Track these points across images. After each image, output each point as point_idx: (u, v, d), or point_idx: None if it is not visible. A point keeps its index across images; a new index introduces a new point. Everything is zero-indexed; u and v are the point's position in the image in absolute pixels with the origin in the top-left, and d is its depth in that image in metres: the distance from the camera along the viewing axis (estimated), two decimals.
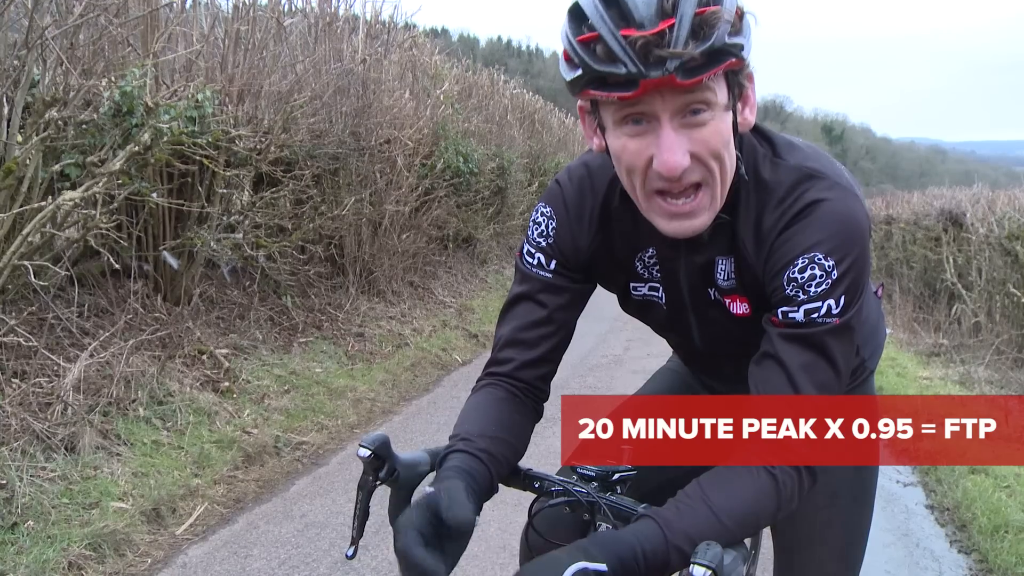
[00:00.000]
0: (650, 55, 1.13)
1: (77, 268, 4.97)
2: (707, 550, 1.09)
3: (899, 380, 7.45)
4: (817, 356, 1.27)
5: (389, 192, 8.46)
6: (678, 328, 1.54)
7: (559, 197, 1.49)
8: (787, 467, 1.25)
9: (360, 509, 1.39)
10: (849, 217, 1.29)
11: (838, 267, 1.26)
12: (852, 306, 1.28)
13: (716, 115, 1.21)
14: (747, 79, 1.26)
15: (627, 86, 1.16)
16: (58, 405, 4.17)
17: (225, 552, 3.67)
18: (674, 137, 1.19)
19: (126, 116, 4.61)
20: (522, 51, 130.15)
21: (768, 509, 1.25)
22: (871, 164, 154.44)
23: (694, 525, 1.17)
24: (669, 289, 1.47)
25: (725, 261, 1.39)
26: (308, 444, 5.05)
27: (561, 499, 1.38)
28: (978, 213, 9.87)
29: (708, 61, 1.15)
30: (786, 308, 1.28)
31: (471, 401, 1.48)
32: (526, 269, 1.50)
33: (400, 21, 9.47)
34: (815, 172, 1.33)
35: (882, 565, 3.88)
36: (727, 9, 1.16)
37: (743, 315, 1.41)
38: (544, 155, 16.27)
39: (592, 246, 1.47)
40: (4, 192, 4.27)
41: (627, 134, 1.23)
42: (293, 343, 6.55)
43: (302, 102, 6.54)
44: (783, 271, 1.28)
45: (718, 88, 1.21)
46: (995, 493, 4.52)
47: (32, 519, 3.49)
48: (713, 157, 1.23)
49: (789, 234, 1.29)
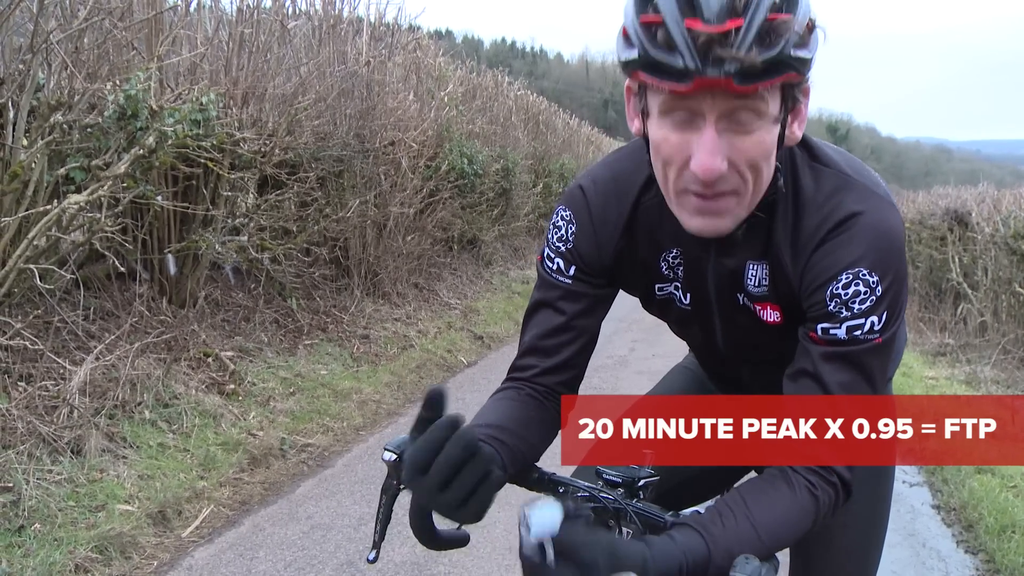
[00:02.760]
0: (710, 53, 1.09)
1: (83, 271, 4.98)
2: (746, 564, 1.10)
3: (905, 380, 7.43)
4: (857, 375, 1.25)
5: (394, 194, 8.47)
6: (702, 329, 1.51)
7: (581, 202, 1.44)
8: (824, 484, 1.24)
9: (383, 513, 1.37)
10: (889, 230, 1.26)
11: (882, 283, 1.22)
12: (893, 323, 1.25)
13: (764, 126, 1.17)
14: (803, 93, 1.22)
15: (681, 79, 1.11)
16: (64, 408, 4.18)
17: (231, 554, 3.68)
18: (716, 140, 1.15)
19: (131, 119, 4.62)
20: (526, 52, 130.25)
21: (805, 527, 1.24)
22: (876, 164, 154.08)
23: (737, 542, 1.16)
24: (695, 290, 1.44)
25: (757, 266, 1.35)
26: (313, 446, 5.05)
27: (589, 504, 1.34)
28: (984, 212, 9.85)
29: (768, 70, 1.11)
30: (827, 325, 1.24)
31: (487, 405, 1.45)
32: (546, 274, 1.47)
33: (404, 23, 9.48)
34: (852, 181, 1.30)
35: (888, 565, 3.87)
36: (799, 20, 1.12)
37: (774, 323, 1.38)
38: (548, 156, 16.26)
39: (616, 251, 1.44)
40: (10, 196, 4.28)
41: (670, 126, 1.18)
42: (298, 345, 6.56)
43: (306, 104, 6.55)
44: (826, 286, 1.25)
45: (772, 99, 1.16)
46: (1002, 493, 4.51)
47: (39, 522, 3.50)
48: (750, 168, 1.19)
49: (830, 247, 1.26)
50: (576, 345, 1.46)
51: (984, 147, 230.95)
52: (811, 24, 1.15)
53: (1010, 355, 8.09)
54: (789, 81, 1.15)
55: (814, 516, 1.23)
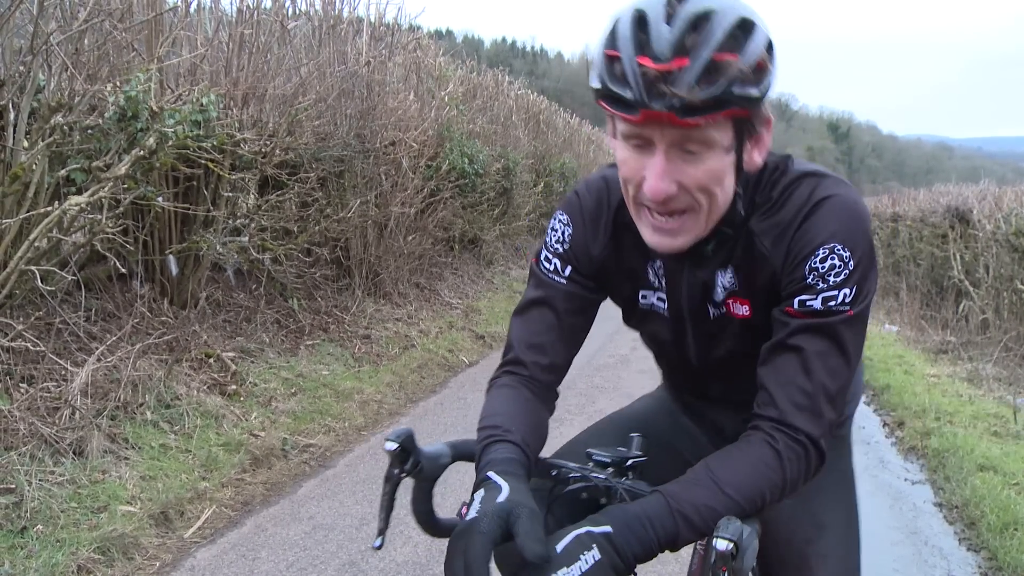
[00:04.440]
0: (655, 89, 1.19)
1: (84, 272, 4.98)
2: (728, 524, 1.15)
3: (906, 378, 7.43)
4: (831, 344, 1.33)
5: (394, 194, 8.47)
6: (675, 339, 1.59)
7: (576, 206, 1.57)
8: (789, 441, 1.31)
9: (387, 501, 1.43)
10: (859, 211, 1.36)
11: (853, 258, 1.32)
12: (863, 298, 1.34)
13: (714, 155, 1.27)
14: (763, 124, 1.32)
15: (630, 110, 1.23)
16: (66, 409, 4.19)
17: (233, 555, 3.68)
18: (664, 166, 1.26)
19: (131, 121, 4.62)
20: (527, 52, 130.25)
21: (773, 482, 1.29)
22: (877, 161, 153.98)
23: (699, 495, 1.24)
24: (672, 300, 1.53)
25: (723, 274, 1.45)
26: (315, 446, 5.05)
27: (580, 484, 1.43)
28: (985, 210, 9.84)
29: (711, 106, 1.20)
30: (805, 296, 1.34)
31: (497, 395, 1.52)
32: (542, 275, 1.57)
33: (404, 23, 9.48)
34: (824, 173, 1.42)
35: (890, 563, 3.87)
36: (745, 60, 1.21)
37: (743, 316, 1.46)
38: (549, 156, 16.25)
39: (604, 254, 1.54)
40: (11, 197, 4.28)
41: (629, 149, 1.31)
42: (300, 346, 6.56)
43: (307, 105, 6.56)
44: (805, 260, 1.34)
45: (721, 130, 1.25)
46: (1004, 490, 4.51)
47: (41, 523, 3.50)
48: (701, 191, 1.29)
49: (807, 226, 1.35)
50: (567, 344, 1.56)
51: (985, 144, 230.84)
52: (762, 63, 1.23)
53: (1012, 352, 8.08)
54: (736, 115, 1.24)
55: (780, 472, 1.29)
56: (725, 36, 1.20)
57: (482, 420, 1.46)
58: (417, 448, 1.42)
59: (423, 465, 1.43)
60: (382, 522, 1.43)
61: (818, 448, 1.33)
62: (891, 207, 15.21)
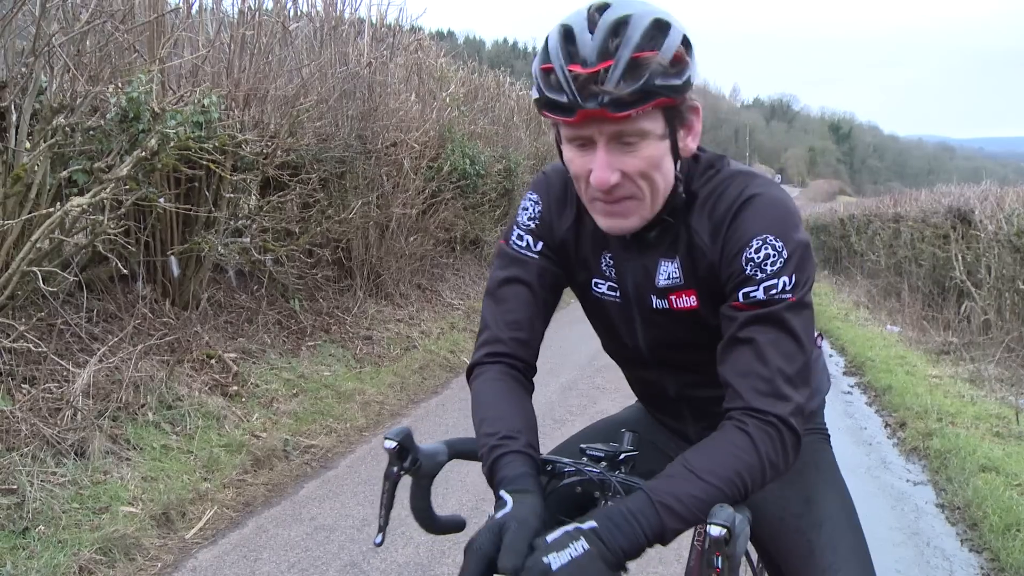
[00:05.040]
0: (585, 90, 1.32)
1: (86, 273, 4.99)
2: (720, 511, 1.20)
3: (908, 379, 7.42)
4: (780, 331, 1.41)
5: (396, 195, 8.47)
6: (626, 328, 1.65)
7: (543, 184, 1.68)
8: (759, 423, 1.37)
9: (387, 499, 1.48)
10: (785, 206, 1.48)
11: (786, 247, 1.42)
12: (802, 284, 1.43)
13: (649, 143, 1.39)
14: (691, 111, 1.44)
15: (568, 112, 1.35)
16: (68, 410, 4.19)
17: (235, 556, 3.68)
18: (606, 158, 1.38)
19: (133, 122, 4.63)
20: (528, 53, 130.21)
21: (748, 463, 1.34)
22: (879, 162, 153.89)
23: (678, 485, 1.31)
24: (620, 289, 1.61)
25: (668, 263, 1.55)
26: (317, 447, 5.06)
27: (574, 479, 1.46)
28: (987, 210, 9.83)
29: (639, 98, 1.32)
30: (747, 288, 1.42)
31: (489, 391, 1.58)
32: (515, 252, 1.65)
33: (405, 24, 9.50)
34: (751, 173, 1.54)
35: (892, 564, 3.86)
36: (663, 55, 1.33)
37: (690, 308, 1.54)
38: (550, 156, 16.25)
39: (566, 235, 1.63)
40: (13, 199, 4.29)
41: (574, 149, 1.43)
42: (301, 347, 6.56)
43: (308, 106, 6.56)
44: (740, 253, 1.43)
45: (652, 120, 1.37)
46: (1006, 491, 4.50)
47: (43, 524, 3.50)
48: (641, 177, 1.41)
49: (740, 220, 1.46)
50: (542, 320, 1.64)
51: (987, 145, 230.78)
52: (679, 56, 1.36)
53: (1014, 353, 8.06)
54: (665, 105, 1.37)
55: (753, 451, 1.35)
56: (642, 37, 1.32)
57: (482, 421, 1.51)
58: (415, 446, 1.47)
59: (421, 463, 1.47)
60: (382, 519, 1.48)
61: (789, 426, 1.38)
62: (893, 208, 15.20)
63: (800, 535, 1.67)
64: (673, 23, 1.36)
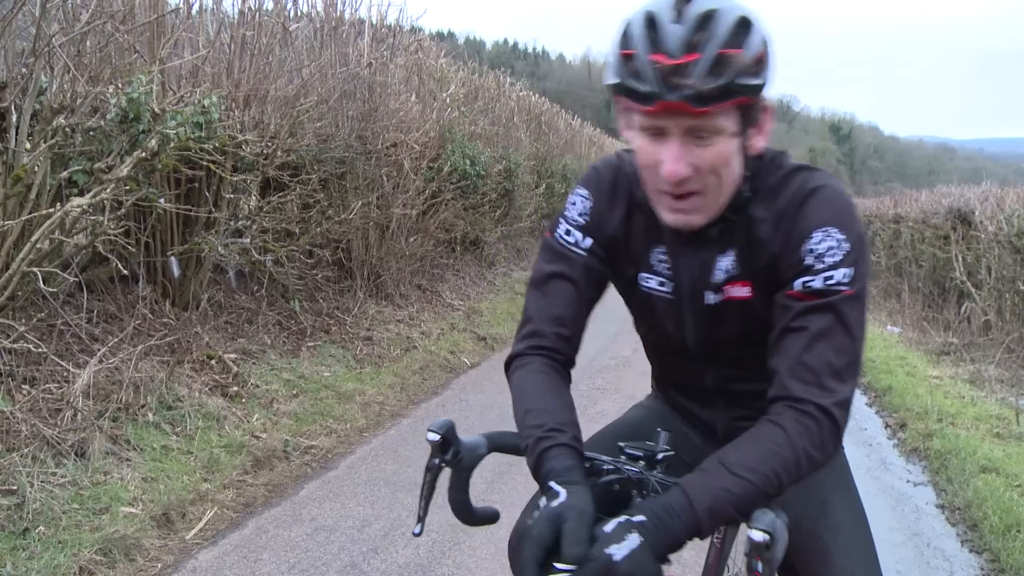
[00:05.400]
0: (669, 80, 1.31)
1: (86, 274, 4.99)
2: (763, 516, 1.22)
3: (909, 379, 7.42)
4: (835, 323, 1.40)
5: (396, 195, 8.47)
6: (676, 323, 1.64)
7: (594, 180, 1.66)
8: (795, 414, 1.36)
9: (427, 490, 1.50)
10: (847, 199, 1.49)
11: (847, 240, 1.42)
12: (862, 278, 1.42)
13: (722, 140, 1.38)
14: (763, 111, 1.44)
15: (647, 101, 1.34)
16: (68, 411, 4.19)
17: (235, 556, 3.68)
18: (679, 151, 1.37)
19: (133, 122, 4.63)
20: (528, 53, 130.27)
21: (783, 457, 1.33)
22: (879, 163, 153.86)
23: (712, 480, 1.31)
24: (675, 283, 1.60)
25: (724, 258, 1.54)
26: (317, 448, 5.05)
27: (613, 476, 1.48)
28: (987, 211, 9.84)
29: (719, 95, 1.32)
30: (806, 278, 1.42)
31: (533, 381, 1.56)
32: (561, 247, 1.62)
33: (406, 24, 9.49)
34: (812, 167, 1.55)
35: (892, 565, 3.86)
36: (747, 54, 1.33)
37: (743, 299, 1.54)
38: (551, 157, 16.27)
39: (616, 231, 1.62)
40: (13, 199, 4.29)
41: (646, 138, 1.41)
42: (301, 347, 6.56)
43: (308, 106, 6.56)
44: (802, 243, 1.43)
45: (728, 117, 1.37)
46: (1007, 492, 4.50)
47: (43, 525, 3.50)
48: (712, 173, 1.40)
49: (804, 211, 1.46)
50: (584, 318, 1.63)
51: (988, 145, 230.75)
52: (762, 56, 1.36)
53: (1014, 354, 8.07)
54: (743, 103, 1.36)
55: (788, 444, 1.34)
56: (729, 33, 1.32)
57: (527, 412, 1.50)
58: (457, 439, 1.50)
59: (463, 456, 1.50)
60: (422, 509, 1.52)
61: (830, 416, 1.37)
62: (893, 208, 15.22)
63: (816, 539, 1.67)
64: (756, 22, 1.36)
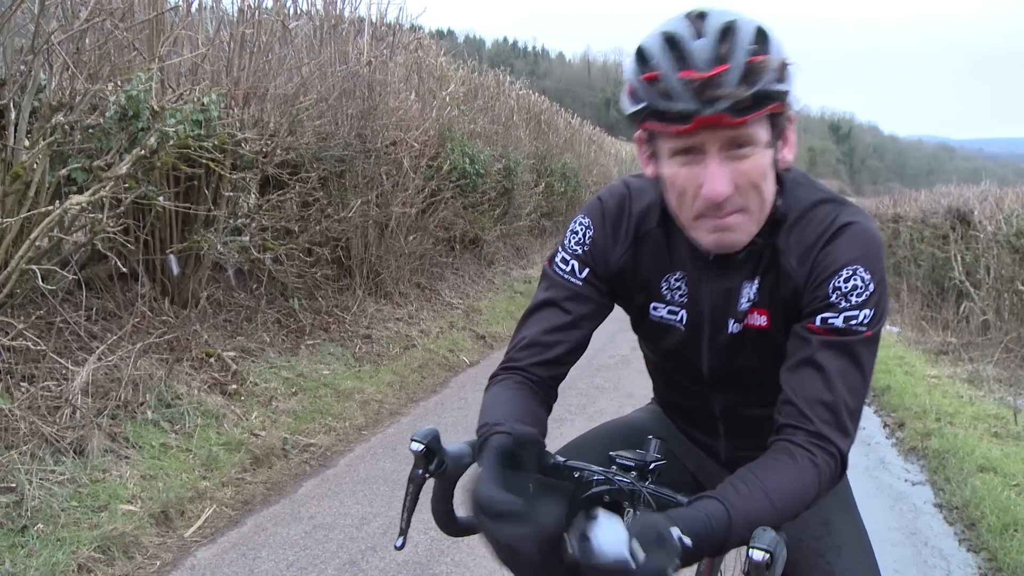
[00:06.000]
0: (704, 95, 1.29)
1: (85, 272, 4.99)
2: (763, 535, 1.19)
3: (907, 379, 7.43)
4: (850, 363, 1.40)
5: (395, 194, 8.47)
6: (689, 352, 1.62)
7: (598, 210, 1.62)
8: (825, 455, 1.37)
9: (410, 501, 1.45)
10: (877, 239, 1.47)
11: (873, 280, 1.41)
12: (879, 320, 1.42)
13: (758, 151, 1.37)
14: (788, 122, 1.42)
15: (682, 121, 1.31)
16: (67, 408, 4.19)
17: (233, 554, 3.68)
18: (719, 168, 1.35)
19: (132, 120, 4.62)
20: (528, 52, 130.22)
21: (811, 495, 1.36)
22: (879, 162, 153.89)
23: (753, 508, 1.28)
24: (692, 311, 1.58)
25: (750, 285, 1.53)
26: (316, 446, 5.05)
27: (604, 487, 1.44)
28: (986, 211, 9.84)
29: (755, 103, 1.30)
30: (828, 315, 1.41)
31: (492, 393, 1.56)
32: (556, 276, 1.61)
33: (405, 23, 9.49)
34: (841, 200, 1.53)
35: (890, 564, 3.86)
36: (774, 59, 1.32)
37: (760, 327, 1.53)
38: (550, 156, 16.24)
39: (622, 261, 1.60)
40: (12, 197, 4.29)
41: (679, 163, 1.38)
42: (300, 345, 6.56)
43: (308, 104, 6.56)
44: (828, 280, 1.42)
45: (761, 128, 1.36)
46: (1004, 491, 4.50)
47: (42, 522, 3.50)
48: (752, 187, 1.38)
49: (832, 247, 1.44)
50: (571, 344, 1.59)
51: (987, 145, 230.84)
52: (784, 62, 1.35)
53: (1013, 353, 8.07)
54: (774, 111, 1.35)
55: (817, 485, 1.36)
56: (752, 41, 1.31)
57: (480, 418, 1.48)
58: (442, 448, 1.44)
59: (447, 466, 1.44)
60: (404, 522, 1.45)
61: (844, 463, 1.41)
62: (892, 208, 15.22)
63: (819, 558, 1.66)
64: (770, 30, 1.36)
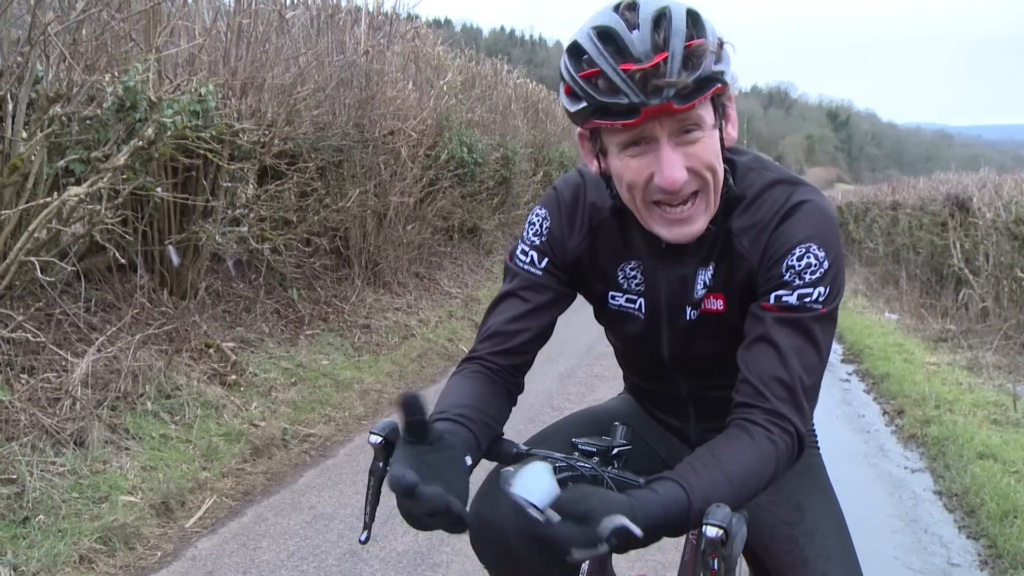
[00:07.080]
0: (648, 85, 1.28)
1: (83, 263, 4.98)
2: (717, 511, 1.18)
3: (906, 366, 7.44)
4: (805, 341, 1.40)
5: (393, 183, 8.46)
6: (649, 339, 1.64)
7: (555, 201, 1.64)
8: (782, 433, 1.37)
9: (372, 495, 1.44)
10: (830, 216, 1.47)
11: (827, 259, 1.41)
12: (835, 297, 1.43)
13: (706, 133, 1.38)
14: (728, 100, 1.43)
15: (629, 114, 1.31)
16: (67, 400, 4.19)
17: (234, 544, 3.69)
18: (672, 155, 1.35)
19: (130, 111, 4.61)
20: (525, 41, 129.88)
21: (769, 473, 1.35)
22: (877, 150, 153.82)
23: (711, 487, 1.27)
24: (649, 299, 1.59)
25: (704, 271, 1.53)
26: (315, 436, 5.06)
27: (566, 474, 1.42)
28: (985, 198, 9.82)
29: (698, 87, 1.31)
30: (781, 292, 1.42)
31: (447, 385, 1.56)
32: (517, 268, 1.62)
33: (402, 12, 9.46)
34: (795, 179, 1.53)
35: (890, 551, 3.88)
36: (710, 41, 1.32)
37: (716, 311, 1.54)
38: (548, 144, 16.23)
39: (579, 249, 1.61)
40: (10, 188, 4.28)
41: (629, 155, 1.38)
42: (299, 335, 6.57)
43: (305, 94, 6.54)
44: (783, 259, 1.43)
45: (706, 110, 1.37)
46: (1004, 478, 4.51)
47: (43, 513, 3.51)
48: (707, 168, 1.39)
49: (785, 227, 1.45)
50: (532, 333, 1.60)
51: (985, 132, 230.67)
52: (720, 42, 1.35)
53: (1012, 340, 8.08)
54: (717, 92, 1.36)
55: (775, 463, 1.36)
56: (686, 26, 1.30)
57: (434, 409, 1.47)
58: None
59: None
60: (368, 516, 1.45)
61: (800, 439, 1.39)
62: (891, 195, 15.20)
63: (793, 544, 1.65)
64: (702, 13, 1.35)
